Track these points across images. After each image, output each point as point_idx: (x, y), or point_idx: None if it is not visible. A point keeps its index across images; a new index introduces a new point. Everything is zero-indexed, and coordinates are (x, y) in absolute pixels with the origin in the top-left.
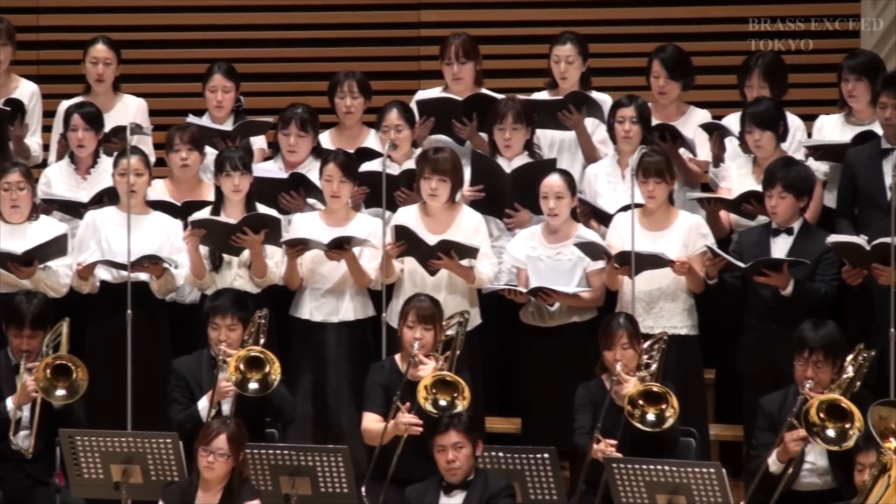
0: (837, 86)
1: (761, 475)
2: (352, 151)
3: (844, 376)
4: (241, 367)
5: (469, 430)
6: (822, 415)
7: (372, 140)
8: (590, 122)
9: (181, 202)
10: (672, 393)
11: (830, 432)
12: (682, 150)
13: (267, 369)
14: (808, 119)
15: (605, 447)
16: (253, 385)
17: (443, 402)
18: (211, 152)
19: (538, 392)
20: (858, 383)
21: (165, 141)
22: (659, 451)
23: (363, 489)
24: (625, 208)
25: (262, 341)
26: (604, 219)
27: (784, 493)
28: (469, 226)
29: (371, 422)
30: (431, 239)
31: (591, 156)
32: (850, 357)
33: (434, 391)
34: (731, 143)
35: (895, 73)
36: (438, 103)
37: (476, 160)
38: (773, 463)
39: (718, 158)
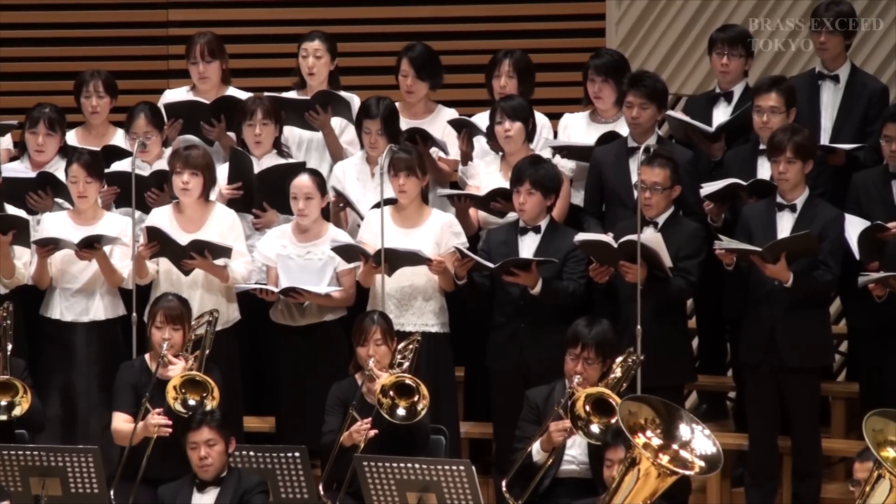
0: (583, 85)
1: (523, 465)
2: (98, 150)
3: (612, 376)
4: None
5: (222, 428)
6: (587, 408)
7: (119, 139)
8: (338, 122)
9: None
10: (423, 385)
11: (594, 427)
12: (433, 150)
13: (13, 394)
14: (553, 118)
15: (359, 427)
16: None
17: (192, 402)
18: None
19: (291, 391)
20: (625, 384)
21: None
22: (411, 447)
23: (112, 491)
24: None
25: (9, 347)
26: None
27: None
28: (223, 224)
29: (121, 422)
30: (184, 239)
31: (337, 156)
32: (619, 359)
33: (183, 391)
34: (480, 142)
35: (641, 73)
36: (185, 106)
37: (235, 158)
38: (537, 452)
39: (467, 156)
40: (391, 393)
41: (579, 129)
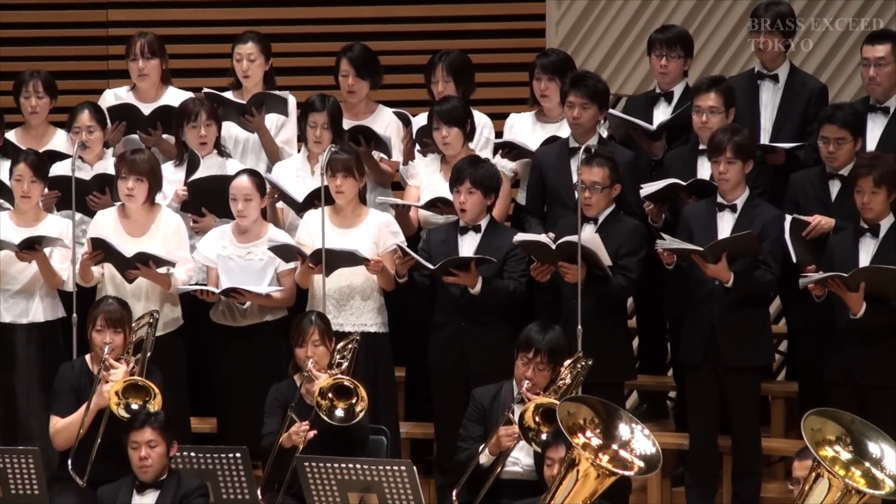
0: (529, 84)
1: (466, 466)
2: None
3: (561, 382)
4: None
5: (164, 429)
6: (537, 418)
7: (59, 139)
8: (273, 121)
9: None
10: (362, 387)
11: (545, 437)
12: (374, 152)
13: None
14: (498, 118)
15: (297, 429)
16: None
17: (135, 407)
18: None
19: (232, 392)
20: (575, 392)
21: None
22: (350, 447)
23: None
24: (312, 196)
25: None
26: (293, 204)
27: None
28: (168, 229)
29: (58, 425)
30: (128, 247)
31: (274, 157)
32: (567, 362)
33: (126, 396)
34: None
35: (582, 73)
36: (127, 109)
37: (193, 161)
38: (484, 455)
39: (410, 153)
40: (329, 394)
41: (525, 129)
